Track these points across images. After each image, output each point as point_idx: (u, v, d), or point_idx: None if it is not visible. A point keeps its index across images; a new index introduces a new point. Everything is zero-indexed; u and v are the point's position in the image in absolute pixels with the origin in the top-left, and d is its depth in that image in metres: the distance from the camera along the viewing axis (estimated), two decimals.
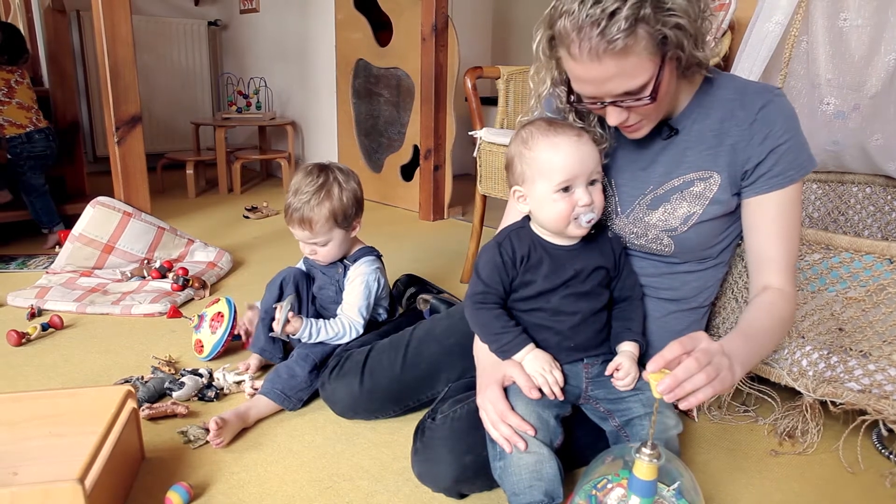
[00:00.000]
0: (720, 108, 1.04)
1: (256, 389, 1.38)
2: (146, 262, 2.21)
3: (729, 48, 1.95)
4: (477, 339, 1.12)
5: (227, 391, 1.43)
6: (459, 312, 1.31)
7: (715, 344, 0.84)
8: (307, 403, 1.38)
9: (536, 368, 1.01)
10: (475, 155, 2.08)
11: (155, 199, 2.44)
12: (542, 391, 0.99)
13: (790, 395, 1.31)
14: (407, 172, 3.44)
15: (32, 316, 1.83)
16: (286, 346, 1.52)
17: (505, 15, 4.33)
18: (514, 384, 1.01)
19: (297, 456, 1.21)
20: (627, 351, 1.04)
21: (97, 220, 2.17)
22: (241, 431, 1.27)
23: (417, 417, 1.18)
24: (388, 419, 1.33)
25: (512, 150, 1.04)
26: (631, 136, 1.04)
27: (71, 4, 3.25)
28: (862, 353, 1.19)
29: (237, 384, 1.44)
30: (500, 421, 0.98)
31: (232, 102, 4.00)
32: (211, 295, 2.07)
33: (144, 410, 1.29)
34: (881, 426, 1.25)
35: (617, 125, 0.98)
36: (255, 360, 1.50)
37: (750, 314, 1.02)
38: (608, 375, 1.03)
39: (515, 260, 1.04)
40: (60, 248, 2.23)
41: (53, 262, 2.20)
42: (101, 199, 2.19)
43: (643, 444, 0.79)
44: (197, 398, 1.39)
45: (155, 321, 1.84)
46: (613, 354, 1.05)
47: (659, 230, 1.09)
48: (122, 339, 1.72)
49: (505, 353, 1.04)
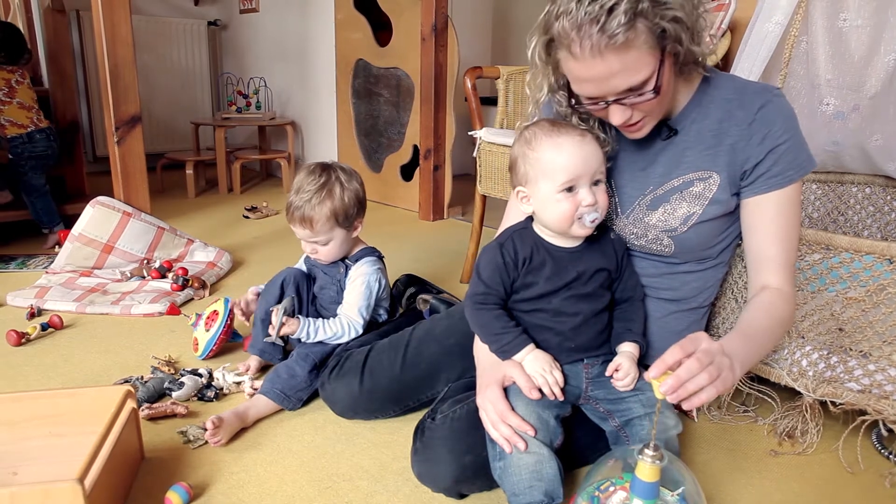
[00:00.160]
0: (719, 108, 1.04)
1: (256, 389, 1.38)
2: (146, 262, 2.21)
3: (729, 48, 1.95)
4: (477, 339, 1.12)
5: (226, 391, 1.43)
6: (459, 312, 1.31)
7: (715, 344, 0.84)
8: (307, 403, 1.38)
9: (537, 369, 1.01)
10: (475, 155, 2.08)
11: (155, 199, 2.44)
12: (542, 391, 0.99)
13: (790, 395, 1.31)
14: (407, 172, 3.44)
15: (32, 316, 1.83)
16: (285, 346, 1.52)
17: (505, 15, 4.33)
18: (514, 384, 1.01)
19: (296, 456, 1.21)
20: (627, 352, 1.04)
21: (97, 219, 2.17)
22: (240, 431, 1.27)
23: (417, 417, 1.18)
24: (387, 419, 1.33)
25: (515, 150, 1.04)
26: (633, 135, 1.04)
27: (71, 4, 3.25)
28: (862, 353, 1.19)
29: (237, 384, 1.44)
30: (500, 421, 0.98)
31: (232, 102, 3.99)
32: (211, 295, 2.07)
33: (144, 410, 1.29)
34: (881, 426, 1.25)
35: (620, 125, 0.98)
36: (254, 361, 1.50)
37: (749, 314, 1.02)
38: (608, 376, 1.03)
39: (517, 261, 1.04)
40: (60, 247, 2.23)
41: (53, 261, 2.20)
42: (100, 198, 2.19)
43: (645, 445, 0.79)
44: (196, 398, 1.39)
45: (154, 321, 1.84)
46: (614, 355, 1.04)
47: (659, 230, 1.09)
48: (121, 339, 1.72)
49: (505, 353, 1.04)
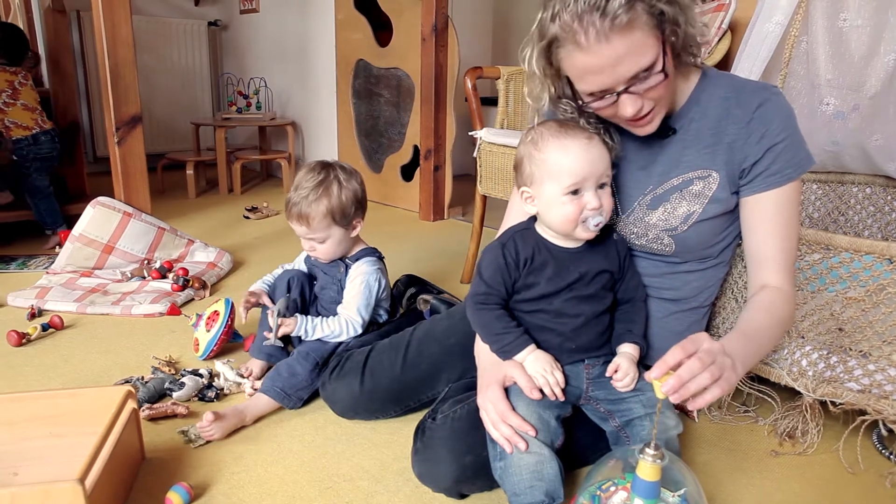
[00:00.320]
0: (717, 106, 1.04)
1: (256, 389, 1.38)
2: (146, 262, 2.21)
3: (729, 49, 1.95)
4: (478, 339, 1.12)
5: (227, 391, 1.42)
6: (460, 313, 1.31)
7: (717, 344, 0.84)
8: (307, 403, 1.38)
9: (538, 369, 1.01)
10: (475, 155, 2.08)
11: (155, 199, 2.43)
12: (543, 392, 0.99)
13: (790, 395, 1.31)
14: (407, 173, 3.44)
15: (33, 316, 1.83)
16: (286, 347, 1.51)
17: (505, 15, 4.33)
18: (514, 384, 1.01)
19: (297, 456, 1.21)
20: (626, 352, 1.04)
21: (97, 220, 2.17)
22: (240, 431, 1.27)
23: (417, 417, 1.18)
24: (388, 419, 1.33)
25: (521, 150, 1.03)
26: (642, 130, 1.01)
27: (71, 4, 3.25)
28: (862, 353, 1.19)
29: (237, 385, 1.44)
30: (500, 421, 0.98)
31: (232, 103, 4.00)
32: (211, 295, 2.07)
33: (145, 411, 1.29)
34: (881, 426, 1.25)
35: (631, 117, 0.96)
36: (256, 365, 1.49)
37: (749, 314, 1.01)
38: (609, 376, 1.03)
39: (519, 262, 1.03)
40: (61, 248, 2.23)
41: (54, 262, 2.20)
42: (101, 199, 2.19)
43: (646, 444, 0.79)
44: (197, 398, 1.39)
45: (155, 321, 1.84)
46: (615, 355, 1.04)
47: (659, 230, 1.09)
48: (122, 339, 1.72)
49: (506, 353, 1.04)
